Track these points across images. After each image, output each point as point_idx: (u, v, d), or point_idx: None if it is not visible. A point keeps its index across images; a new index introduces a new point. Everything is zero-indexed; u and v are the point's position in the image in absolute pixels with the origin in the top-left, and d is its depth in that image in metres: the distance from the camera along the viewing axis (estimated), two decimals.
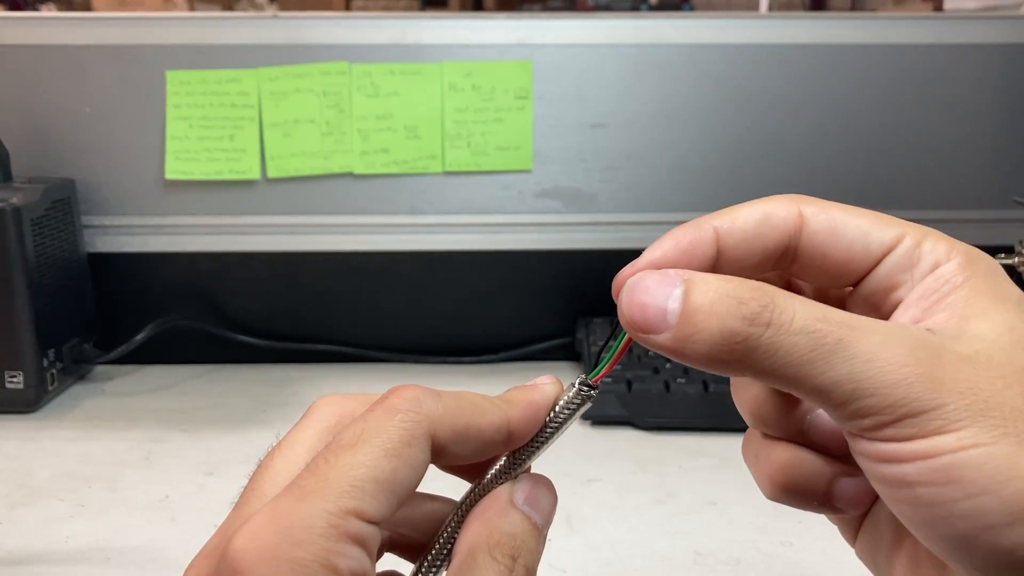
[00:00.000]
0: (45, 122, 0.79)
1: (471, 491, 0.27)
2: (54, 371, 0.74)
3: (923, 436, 0.21)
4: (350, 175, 0.81)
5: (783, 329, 0.22)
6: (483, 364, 0.84)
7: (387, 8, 3.43)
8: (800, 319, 0.22)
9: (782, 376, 0.22)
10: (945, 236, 0.26)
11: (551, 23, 0.79)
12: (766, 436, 0.29)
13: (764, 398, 0.28)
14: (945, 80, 0.81)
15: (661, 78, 0.80)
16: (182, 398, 0.77)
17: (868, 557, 0.29)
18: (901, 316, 0.25)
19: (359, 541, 0.22)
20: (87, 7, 2.88)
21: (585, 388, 0.27)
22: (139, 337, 0.78)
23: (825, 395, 0.22)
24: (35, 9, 2.69)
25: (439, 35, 0.79)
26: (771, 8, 2.94)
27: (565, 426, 0.27)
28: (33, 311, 0.71)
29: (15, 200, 0.70)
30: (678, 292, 0.23)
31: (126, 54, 0.78)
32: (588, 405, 0.28)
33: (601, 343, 0.78)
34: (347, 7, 3.35)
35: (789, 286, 0.29)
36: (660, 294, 0.24)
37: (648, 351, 0.74)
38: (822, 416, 0.28)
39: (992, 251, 0.75)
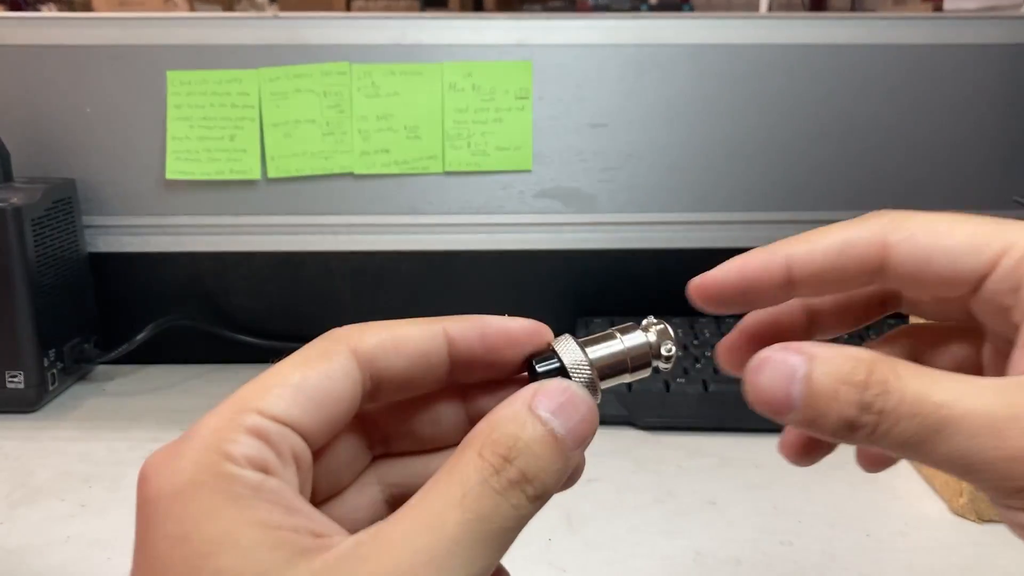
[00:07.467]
0: (45, 122, 0.79)
1: None
2: (55, 371, 0.74)
3: None
4: (350, 175, 0.81)
5: (891, 416, 0.22)
6: None
7: (387, 8, 3.43)
8: (907, 404, 0.22)
9: (899, 452, 0.23)
10: None
11: (551, 23, 0.79)
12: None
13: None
14: (945, 80, 0.81)
15: (661, 78, 0.80)
16: (182, 398, 0.77)
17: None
18: (1018, 360, 0.24)
19: (258, 434, 0.22)
20: (87, 7, 2.88)
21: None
22: (139, 337, 0.78)
23: (944, 468, 0.22)
24: (35, 9, 2.69)
25: (439, 35, 0.79)
26: (771, 8, 2.93)
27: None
28: (33, 311, 0.71)
29: (15, 200, 0.70)
30: (801, 375, 0.23)
31: (126, 54, 0.78)
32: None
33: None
34: (347, 7, 3.35)
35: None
36: (783, 376, 0.23)
37: None
38: None
39: None
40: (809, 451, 0.30)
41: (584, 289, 0.84)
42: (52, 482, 0.62)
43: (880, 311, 0.30)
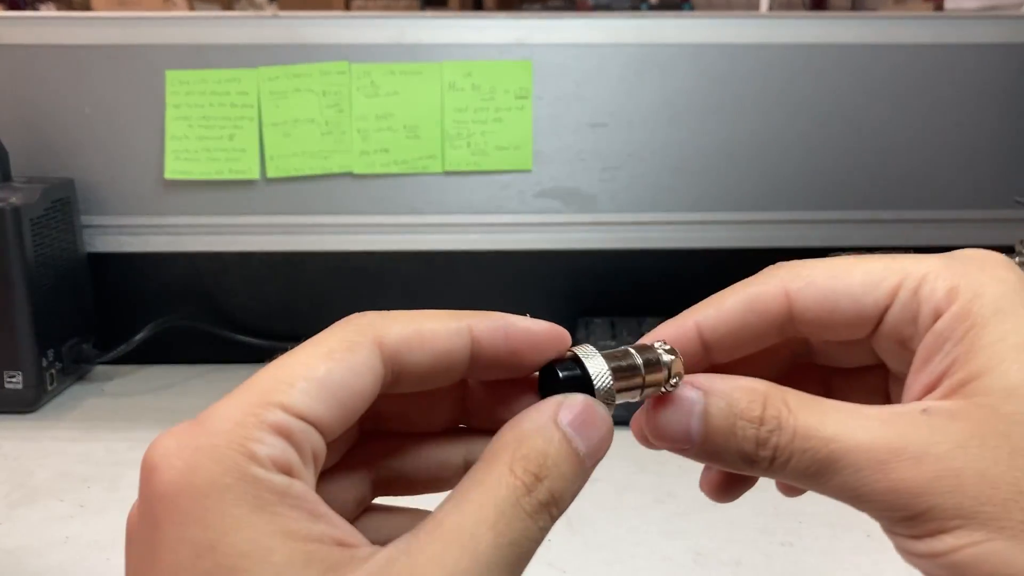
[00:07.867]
0: (45, 122, 0.79)
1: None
2: (53, 371, 0.74)
3: (928, 535, 0.22)
4: (350, 175, 0.81)
5: (785, 451, 0.23)
6: None
7: (387, 8, 3.43)
8: (799, 439, 0.23)
9: (797, 483, 0.24)
10: (949, 267, 0.24)
11: (551, 23, 0.79)
12: None
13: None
14: (945, 80, 0.81)
15: (661, 78, 0.80)
16: (182, 398, 0.77)
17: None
18: (912, 384, 0.24)
19: (282, 432, 0.21)
20: (86, 7, 2.87)
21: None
22: (139, 337, 0.78)
23: (838, 498, 0.23)
24: (35, 9, 2.69)
25: (439, 35, 0.79)
26: (771, 8, 2.93)
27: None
28: (32, 311, 0.71)
29: (15, 200, 0.70)
30: (698, 410, 0.24)
31: (126, 54, 0.78)
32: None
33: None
34: (346, 6, 3.35)
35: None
36: (681, 413, 0.25)
37: None
38: None
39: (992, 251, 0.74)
40: (728, 488, 0.30)
41: (584, 289, 0.84)
42: (51, 482, 0.62)
43: (791, 362, 0.30)
